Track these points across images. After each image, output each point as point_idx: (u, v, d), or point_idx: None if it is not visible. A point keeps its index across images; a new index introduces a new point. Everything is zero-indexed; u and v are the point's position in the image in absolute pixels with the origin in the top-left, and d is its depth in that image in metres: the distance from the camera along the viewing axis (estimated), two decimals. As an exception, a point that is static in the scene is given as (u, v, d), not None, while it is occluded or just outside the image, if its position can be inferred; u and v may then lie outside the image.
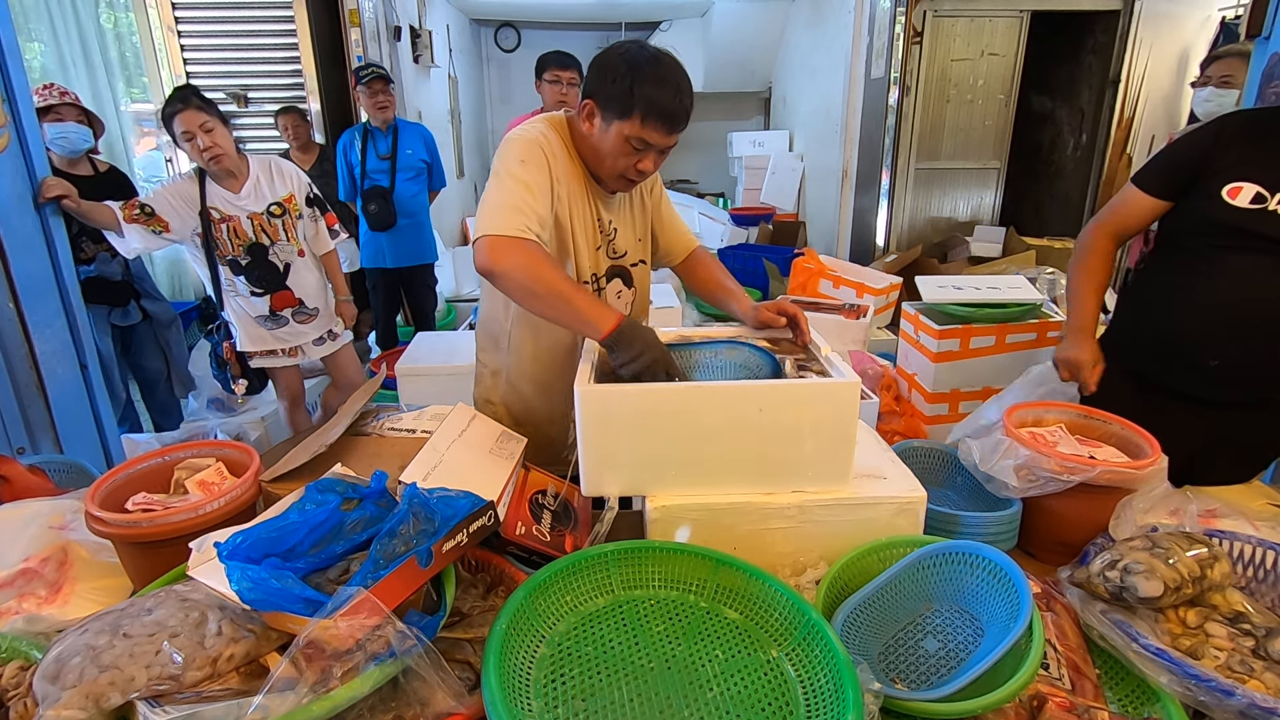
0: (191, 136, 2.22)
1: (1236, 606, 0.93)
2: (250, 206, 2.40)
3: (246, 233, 2.39)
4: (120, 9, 4.21)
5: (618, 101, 1.21)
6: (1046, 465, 1.11)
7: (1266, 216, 1.33)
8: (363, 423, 1.30)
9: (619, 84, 1.20)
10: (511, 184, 1.22)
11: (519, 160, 1.24)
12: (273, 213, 2.44)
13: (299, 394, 2.79)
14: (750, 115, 7.72)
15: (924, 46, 4.29)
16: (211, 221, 2.35)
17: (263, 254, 2.44)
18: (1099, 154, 4.61)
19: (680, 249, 1.59)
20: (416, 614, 0.79)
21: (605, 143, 1.26)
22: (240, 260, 2.42)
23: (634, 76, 1.19)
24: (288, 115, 3.87)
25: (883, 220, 4.62)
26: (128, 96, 4.35)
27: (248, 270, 2.43)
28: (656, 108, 1.20)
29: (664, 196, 1.56)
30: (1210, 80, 2.67)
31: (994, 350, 2.49)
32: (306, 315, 2.59)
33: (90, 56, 4.02)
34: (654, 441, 1.03)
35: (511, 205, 1.19)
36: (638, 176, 1.31)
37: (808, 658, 0.85)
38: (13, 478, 1.32)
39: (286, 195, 2.47)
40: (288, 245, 2.48)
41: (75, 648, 0.72)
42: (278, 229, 2.45)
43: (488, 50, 7.77)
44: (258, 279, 2.46)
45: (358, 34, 4.31)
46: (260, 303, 2.48)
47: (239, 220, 2.38)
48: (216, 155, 2.27)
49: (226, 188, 2.37)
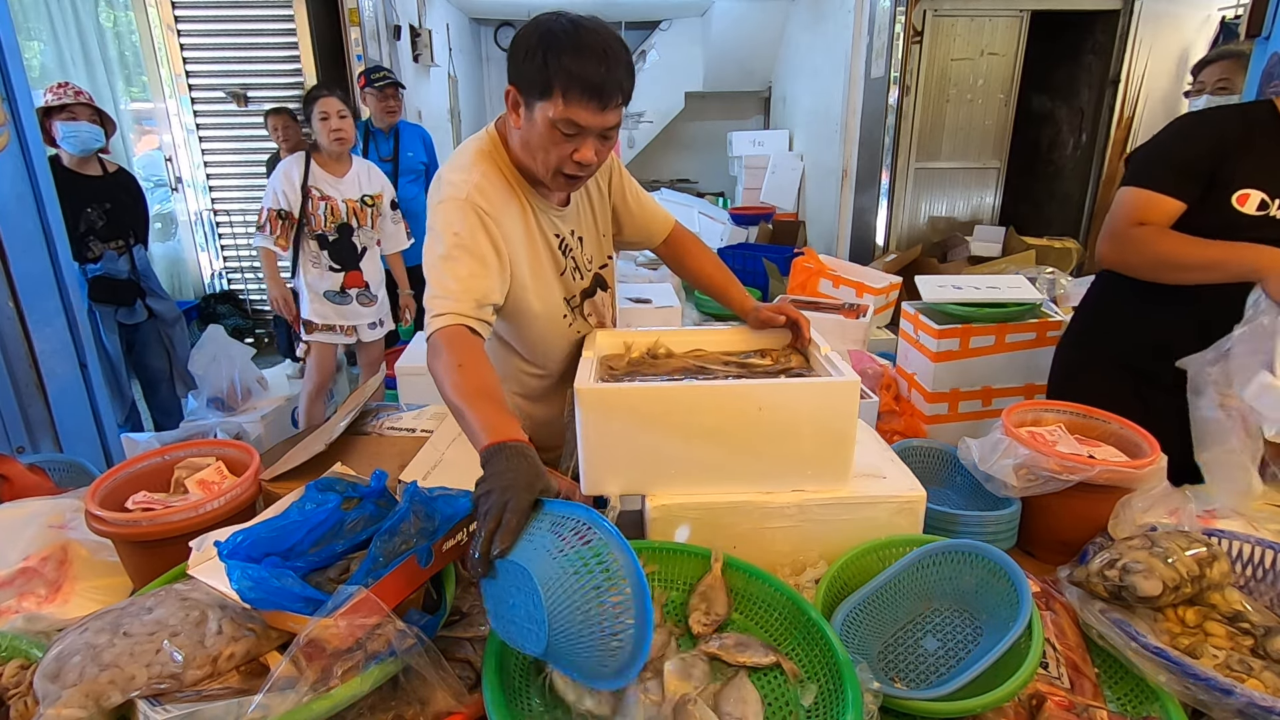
0: (328, 117, 2.69)
1: (1235, 605, 0.93)
2: (349, 193, 2.82)
3: (341, 213, 2.80)
4: (120, 8, 4.21)
5: (536, 81, 1.05)
6: (1046, 464, 1.11)
7: (1268, 223, 1.36)
8: (362, 422, 1.30)
9: (533, 59, 1.04)
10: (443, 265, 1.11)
11: (453, 232, 1.12)
12: (366, 202, 2.86)
13: (328, 378, 3.03)
14: (750, 115, 7.72)
15: (924, 46, 4.29)
16: (310, 198, 2.74)
17: (349, 234, 2.84)
18: (1099, 154, 4.62)
19: (657, 230, 1.48)
20: (417, 613, 0.79)
21: (534, 134, 1.10)
22: (329, 236, 2.80)
23: (547, 48, 1.03)
24: (278, 116, 3.88)
25: (882, 220, 4.63)
26: (127, 95, 4.35)
27: (333, 246, 2.82)
28: (579, 80, 1.03)
29: (626, 183, 1.42)
30: (1206, 87, 2.56)
31: (993, 350, 2.49)
32: (369, 299, 2.96)
33: (90, 55, 4.03)
34: (654, 441, 1.03)
35: (442, 299, 1.09)
36: (577, 170, 1.13)
37: (807, 657, 0.85)
38: (13, 477, 1.32)
39: (378, 192, 2.91)
40: (370, 232, 2.90)
41: (75, 646, 0.72)
42: (366, 216, 2.87)
43: (487, 49, 7.77)
44: (338, 256, 2.84)
45: (357, 33, 4.31)
46: (335, 278, 2.85)
47: (336, 201, 2.78)
48: (342, 138, 2.73)
49: (331, 172, 2.79)
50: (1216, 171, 1.39)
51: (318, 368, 2.97)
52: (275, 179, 2.74)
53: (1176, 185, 1.41)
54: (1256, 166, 1.38)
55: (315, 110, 2.70)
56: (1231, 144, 1.39)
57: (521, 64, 1.07)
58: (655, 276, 3.93)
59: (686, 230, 1.54)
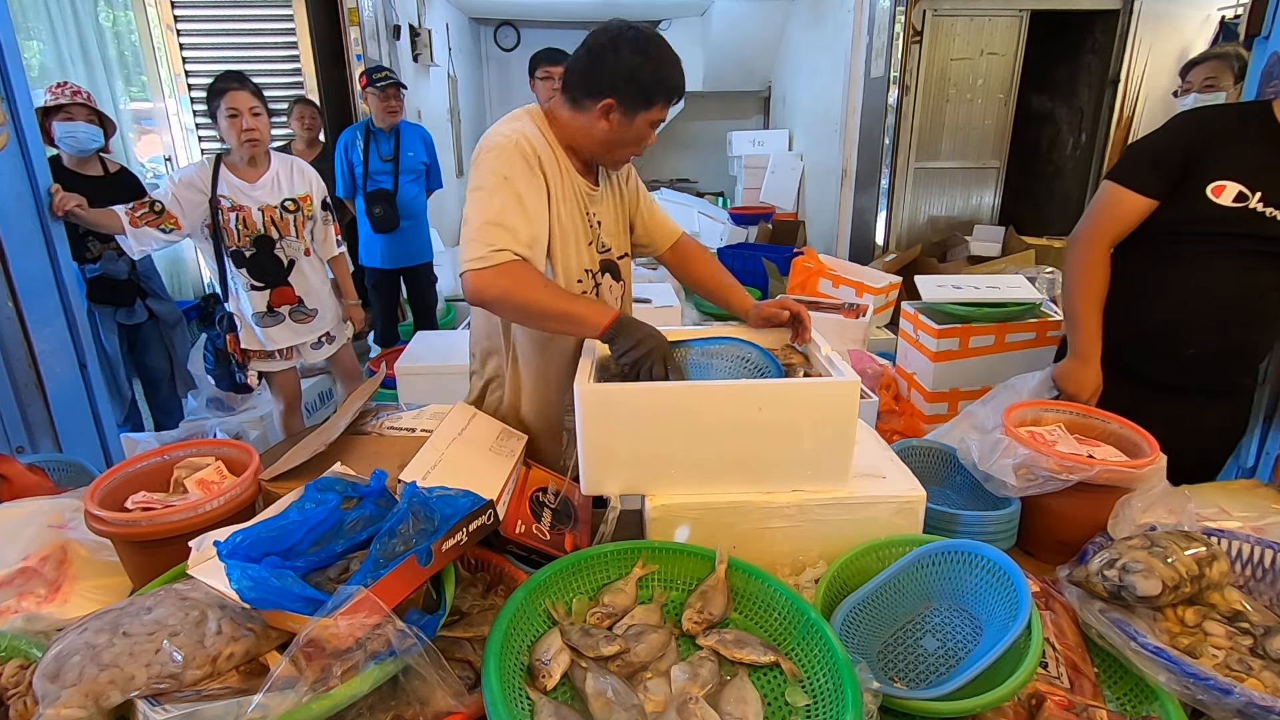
0: (237, 115, 2.25)
1: (1235, 605, 0.93)
2: (264, 199, 2.40)
3: (255, 224, 2.39)
4: (119, 7, 4.20)
5: (643, 94, 1.22)
6: (1045, 464, 1.12)
7: (1247, 215, 1.39)
8: (362, 422, 1.30)
9: (642, 77, 1.21)
10: (491, 201, 1.18)
11: (500, 176, 1.19)
12: (286, 208, 2.45)
13: (295, 397, 2.75)
14: (750, 114, 7.72)
15: (923, 46, 4.29)
16: (220, 210, 2.34)
17: (269, 247, 2.44)
18: (1098, 153, 4.61)
19: (663, 237, 1.55)
20: (416, 613, 0.79)
21: (628, 133, 1.26)
22: (245, 252, 2.40)
23: (652, 64, 1.21)
24: (306, 106, 3.88)
25: (882, 219, 4.62)
26: (126, 95, 4.35)
27: (250, 263, 2.42)
28: (674, 89, 1.25)
29: (640, 189, 1.53)
30: (1193, 87, 2.64)
31: (993, 349, 2.49)
32: (304, 315, 2.56)
33: (89, 55, 4.02)
34: (654, 441, 1.04)
35: (489, 227, 1.16)
36: (640, 152, 1.33)
37: (807, 657, 0.85)
38: (12, 477, 1.32)
39: (303, 194, 2.49)
40: (295, 242, 2.48)
41: (75, 646, 0.72)
42: (288, 224, 2.45)
43: (487, 49, 7.77)
44: (259, 273, 2.44)
45: (357, 33, 4.31)
46: (259, 297, 2.46)
47: (249, 211, 2.37)
48: (254, 139, 2.30)
49: (243, 177, 2.37)
50: (1191, 164, 1.43)
51: (280, 391, 2.67)
52: (173, 184, 2.30)
53: (1144, 180, 1.47)
54: (1239, 159, 1.41)
55: (222, 106, 2.26)
56: (1213, 138, 1.43)
57: (626, 80, 1.21)
58: (655, 276, 3.93)
59: (691, 239, 1.60)
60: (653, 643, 0.86)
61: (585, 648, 0.84)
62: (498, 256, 1.14)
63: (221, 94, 2.26)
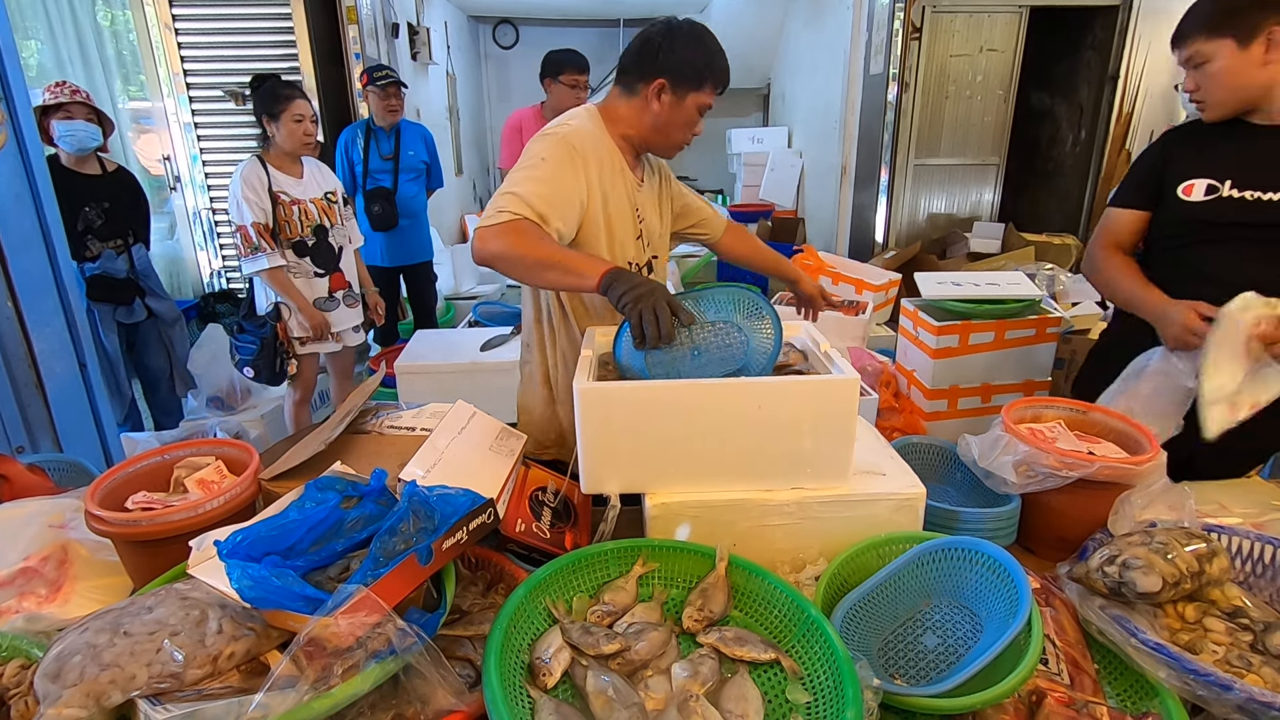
0: (302, 119, 2.52)
1: (1235, 601, 0.93)
2: (311, 192, 2.65)
3: (313, 215, 2.63)
4: (117, 7, 4.19)
5: (694, 75, 1.31)
6: (1045, 461, 1.12)
7: (1222, 203, 1.44)
8: (362, 421, 1.30)
9: (693, 59, 1.31)
10: (516, 175, 1.24)
11: (539, 157, 1.26)
12: (330, 199, 2.71)
13: (311, 387, 2.90)
14: (749, 112, 7.71)
15: (923, 42, 4.28)
16: (280, 204, 2.55)
17: (325, 236, 2.68)
18: (1098, 150, 4.60)
19: (718, 224, 1.67)
20: (417, 611, 0.79)
21: (679, 115, 1.34)
22: (307, 241, 2.63)
23: (705, 50, 1.32)
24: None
25: (882, 216, 4.61)
26: (125, 95, 4.35)
27: (313, 251, 2.65)
28: (723, 75, 1.35)
29: (680, 184, 1.62)
30: None
31: (993, 346, 2.49)
32: (354, 299, 2.82)
33: (87, 54, 4.01)
34: (653, 439, 1.03)
35: (506, 195, 1.21)
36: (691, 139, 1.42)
37: (807, 654, 0.85)
38: (12, 476, 1.32)
39: (334, 189, 2.75)
40: (343, 229, 2.76)
41: (76, 646, 0.72)
42: (335, 213, 2.72)
43: (486, 47, 7.76)
44: (321, 260, 2.68)
45: (355, 31, 4.30)
46: (321, 284, 2.68)
47: (306, 203, 2.61)
48: (311, 143, 2.59)
49: (290, 174, 2.60)
50: (1165, 173, 1.52)
51: (303, 379, 2.81)
52: (238, 190, 2.48)
53: (1127, 197, 1.60)
54: (1199, 155, 1.48)
55: (289, 111, 2.50)
56: (1178, 142, 1.54)
57: (680, 62, 1.31)
58: (654, 274, 3.92)
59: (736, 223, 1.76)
60: (653, 641, 0.86)
61: (586, 646, 0.84)
62: (503, 216, 1.19)
63: (289, 100, 2.51)
